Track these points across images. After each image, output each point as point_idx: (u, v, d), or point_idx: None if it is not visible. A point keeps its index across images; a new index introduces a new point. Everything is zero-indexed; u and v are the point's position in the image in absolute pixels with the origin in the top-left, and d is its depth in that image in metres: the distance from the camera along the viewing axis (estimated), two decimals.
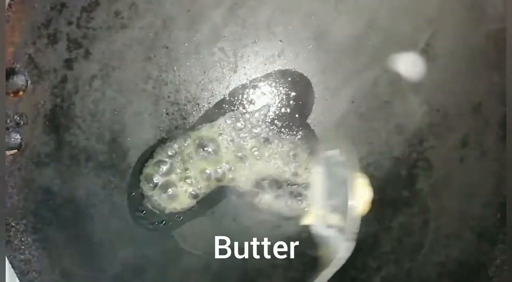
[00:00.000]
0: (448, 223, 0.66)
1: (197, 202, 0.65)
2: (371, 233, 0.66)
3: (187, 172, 0.65)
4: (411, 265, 0.67)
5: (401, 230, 0.66)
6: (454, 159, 0.65)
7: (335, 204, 0.62)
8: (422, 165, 0.65)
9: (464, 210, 0.66)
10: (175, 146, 0.65)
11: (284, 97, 0.64)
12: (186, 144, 0.64)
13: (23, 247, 0.64)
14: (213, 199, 0.66)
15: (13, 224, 0.64)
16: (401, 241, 0.66)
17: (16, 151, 0.63)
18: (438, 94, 0.64)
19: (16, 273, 0.65)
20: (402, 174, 0.66)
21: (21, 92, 0.62)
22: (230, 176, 0.65)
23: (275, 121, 0.64)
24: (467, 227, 0.66)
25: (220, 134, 0.64)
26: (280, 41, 0.63)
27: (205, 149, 0.64)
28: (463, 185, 0.65)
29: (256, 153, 0.64)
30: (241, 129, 0.64)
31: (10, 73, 0.61)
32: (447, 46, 0.63)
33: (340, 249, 0.59)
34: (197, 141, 0.64)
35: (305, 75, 0.64)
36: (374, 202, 0.65)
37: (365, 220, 0.64)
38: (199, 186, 0.65)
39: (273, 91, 0.64)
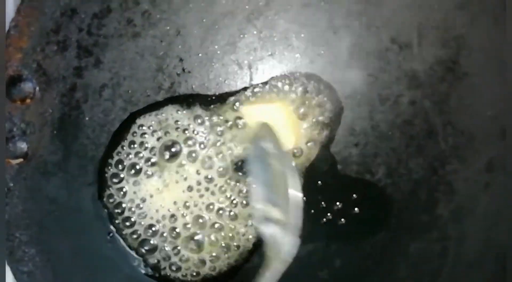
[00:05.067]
0: (469, 251, 0.58)
1: None
2: (387, 258, 0.59)
3: None
4: None
5: (418, 256, 0.59)
6: (479, 184, 0.58)
7: (274, 198, 0.55)
8: (443, 189, 0.58)
9: (487, 238, 0.58)
10: None
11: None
12: None
13: (26, 258, 0.58)
14: None
15: (17, 234, 0.58)
16: (417, 268, 0.59)
17: (22, 160, 0.57)
18: (463, 115, 0.57)
19: None
20: (421, 198, 0.58)
21: (28, 100, 0.56)
22: None
23: None
24: (490, 256, 0.58)
25: None
26: (298, 54, 0.57)
27: None
28: (487, 211, 0.58)
29: None
30: None
31: (18, 80, 0.55)
32: (475, 64, 0.56)
33: (285, 246, 0.54)
34: None
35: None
36: (392, 226, 0.59)
37: (381, 243, 0.59)
38: None
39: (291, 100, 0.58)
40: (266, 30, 0.57)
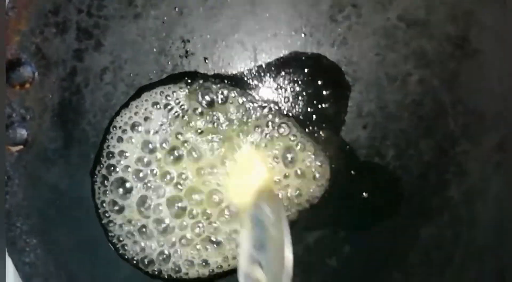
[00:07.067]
0: (482, 235, 0.56)
1: None
2: (397, 243, 0.57)
3: None
4: (441, 280, 0.57)
5: (430, 241, 0.56)
6: (490, 164, 0.55)
7: (262, 259, 0.51)
8: (454, 170, 0.55)
9: (501, 220, 0.55)
10: None
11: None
12: None
13: (28, 249, 0.56)
14: None
15: (18, 224, 0.56)
16: (429, 253, 0.57)
17: (22, 147, 0.55)
18: (473, 93, 0.55)
19: (20, 276, 0.56)
20: (432, 180, 0.56)
21: (27, 85, 0.54)
22: None
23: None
24: (504, 240, 0.55)
25: None
26: (304, 34, 0.54)
27: None
28: (500, 192, 0.55)
29: None
30: None
31: (16, 64, 0.53)
32: (485, 40, 0.54)
33: None
34: None
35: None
36: (401, 210, 0.56)
37: (391, 228, 0.56)
38: None
39: (296, 88, 0.55)
40: (271, 10, 0.54)
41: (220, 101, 0.55)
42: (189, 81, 0.55)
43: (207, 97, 0.55)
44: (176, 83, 0.55)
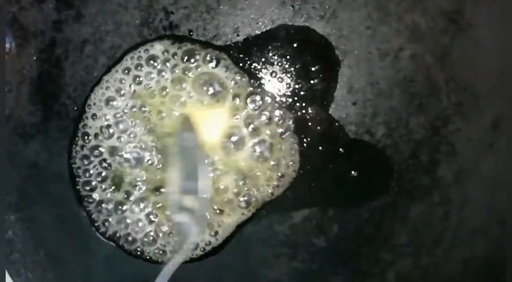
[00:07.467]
0: (472, 216, 0.55)
1: None
2: (386, 223, 0.55)
3: None
4: (429, 260, 0.56)
5: (419, 221, 0.55)
6: (483, 144, 0.54)
7: (188, 186, 0.53)
8: (445, 149, 0.54)
9: (492, 201, 0.54)
10: None
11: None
12: None
13: (5, 226, 0.55)
14: None
15: None
16: (418, 234, 0.55)
17: None
18: (467, 70, 0.53)
19: None
20: (422, 159, 0.54)
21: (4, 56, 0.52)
22: None
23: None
24: (494, 221, 0.55)
25: None
26: (292, 6, 0.52)
27: None
28: (492, 173, 0.54)
29: None
30: None
31: None
32: (480, 15, 0.52)
33: (191, 236, 0.53)
34: None
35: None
36: (391, 189, 0.55)
37: (380, 208, 0.55)
38: None
39: (283, 63, 0.53)
40: None
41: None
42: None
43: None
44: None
